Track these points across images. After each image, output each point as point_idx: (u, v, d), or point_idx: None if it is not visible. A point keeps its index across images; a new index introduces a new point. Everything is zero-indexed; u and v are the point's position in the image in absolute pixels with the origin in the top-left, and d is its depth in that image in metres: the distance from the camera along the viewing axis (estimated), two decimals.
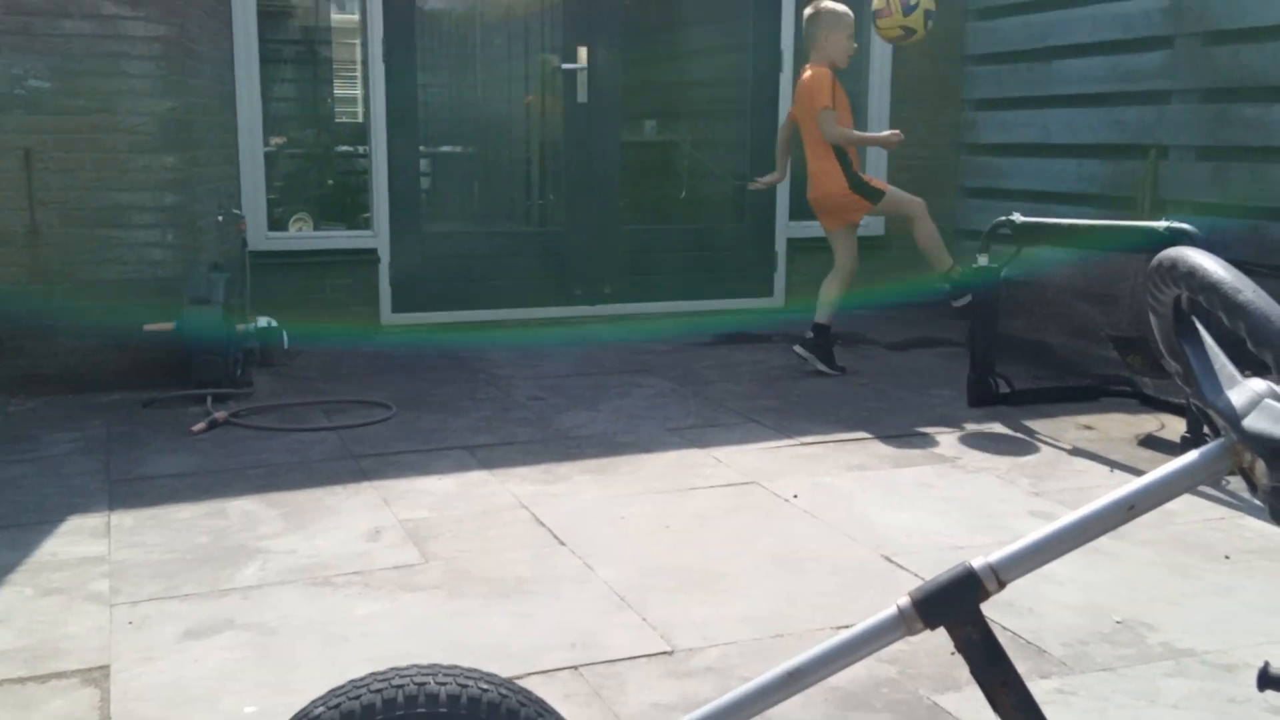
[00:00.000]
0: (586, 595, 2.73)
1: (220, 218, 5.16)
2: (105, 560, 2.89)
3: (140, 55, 4.56)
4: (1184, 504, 3.30)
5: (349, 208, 6.67)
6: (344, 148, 6.89)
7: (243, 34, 5.53)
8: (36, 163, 4.47)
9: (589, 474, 3.62)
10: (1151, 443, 4.03)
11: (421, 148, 6.10)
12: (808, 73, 5.00)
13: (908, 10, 4.73)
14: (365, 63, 5.88)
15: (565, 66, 6.15)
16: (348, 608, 2.64)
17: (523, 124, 6.77)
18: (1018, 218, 4.39)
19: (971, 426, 4.20)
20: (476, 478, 3.58)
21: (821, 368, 4.98)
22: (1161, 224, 3.92)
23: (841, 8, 5.00)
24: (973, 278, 4.49)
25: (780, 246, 6.59)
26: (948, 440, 4.02)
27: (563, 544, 3.04)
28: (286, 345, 5.08)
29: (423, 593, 2.73)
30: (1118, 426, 4.22)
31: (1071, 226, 4.44)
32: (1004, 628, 2.52)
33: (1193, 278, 1.07)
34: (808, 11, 5.04)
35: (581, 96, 6.17)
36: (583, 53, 6.14)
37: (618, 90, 6.27)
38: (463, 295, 6.02)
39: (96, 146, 4.55)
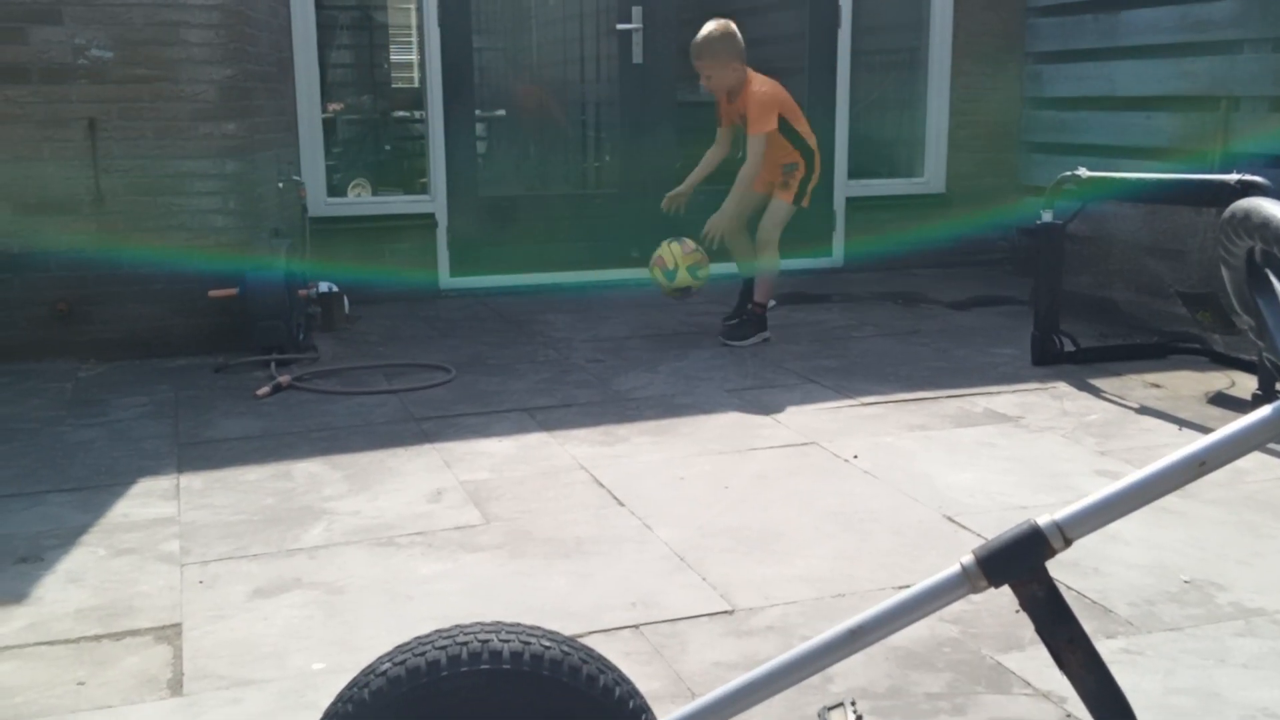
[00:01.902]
0: (646, 555, 2.74)
1: (280, 184, 5.21)
2: (175, 521, 2.95)
3: (200, 24, 4.60)
4: (1255, 461, 3.23)
5: (406, 173, 6.69)
6: (400, 113, 6.91)
7: (300, 2, 5.56)
8: (100, 131, 4.53)
9: (648, 435, 3.63)
10: (1221, 400, 3.94)
11: (477, 111, 6.09)
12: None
13: (670, 276, 4.71)
14: (421, 28, 5.89)
15: (620, 27, 6.10)
16: (411, 567, 2.68)
17: (577, 86, 6.75)
18: (1083, 172, 4.30)
19: (1035, 385, 4.14)
20: (536, 439, 3.60)
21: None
22: (1233, 177, 3.81)
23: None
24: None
25: (839, 205, 6.51)
26: (1011, 399, 3.97)
27: (622, 505, 3.05)
28: (347, 309, 5.15)
29: (484, 553, 2.76)
30: (1186, 384, 4.14)
31: (1139, 181, 4.33)
32: (1069, 587, 2.49)
33: (1266, 229, 1.04)
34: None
35: (636, 57, 6.12)
36: (637, 12, 6.09)
37: (672, 50, 6.20)
38: (520, 258, 6.03)
39: (158, 115, 4.60)
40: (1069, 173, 4.33)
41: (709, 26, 4.69)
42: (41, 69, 4.44)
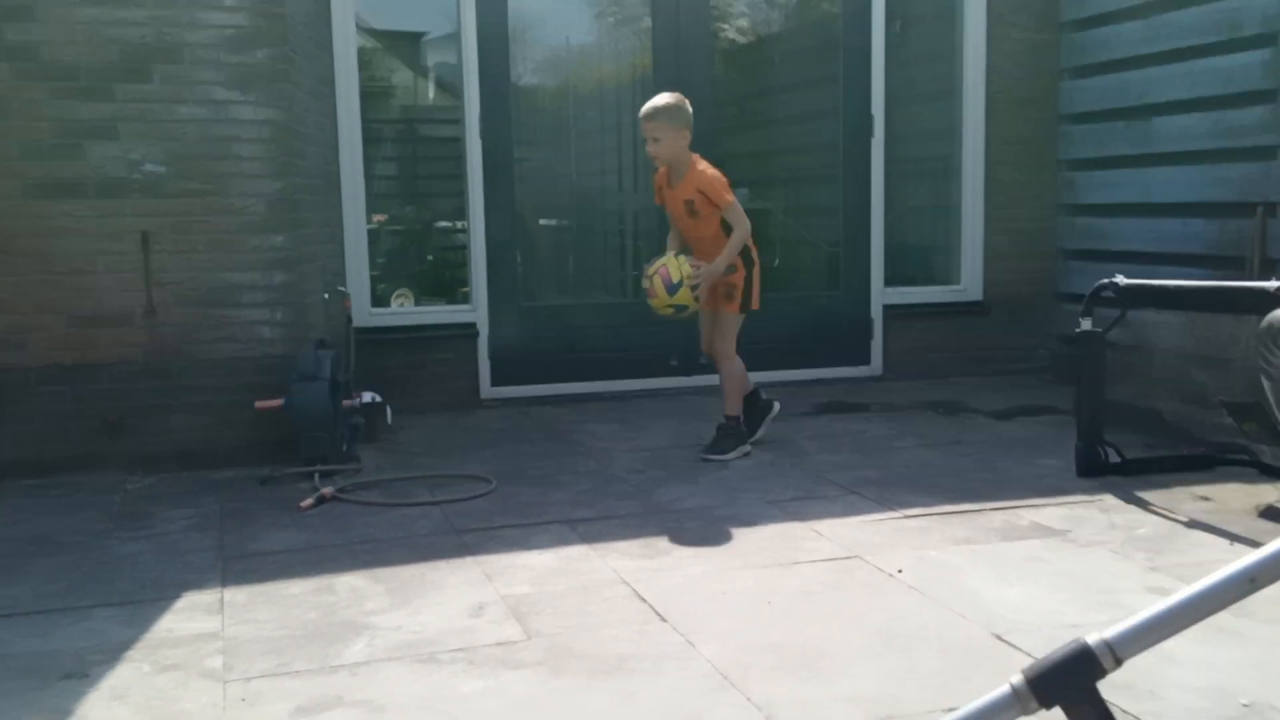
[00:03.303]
0: (689, 673, 2.70)
1: (326, 295, 5.31)
2: (219, 636, 2.96)
3: (251, 139, 4.75)
4: None
5: (449, 283, 6.82)
6: (443, 223, 7.06)
7: (346, 116, 5.74)
8: (153, 244, 4.66)
9: (689, 548, 3.61)
10: (1273, 514, 3.87)
11: (519, 223, 6.21)
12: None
13: (672, 290, 4.55)
14: (463, 140, 6.04)
15: None
16: (453, 685, 2.66)
17: (615, 195, 6.88)
18: (1121, 280, 4.31)
19: (1081, 498, 4.10)
20: (577, 552, 3.59)
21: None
22: (1272, 284, 3.80)
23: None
24: None
25: (876, 313, 6.55)
26: (1057, 513, 3.92)
27: (664, 620, 3.02)
28: (390, 420, 5.20)
29: (525, 670, 2.74)
30: (1236, 497, 4.08)
31: (1178, 288, 4.33)
32: (1123, 710, 2.43)
33: None
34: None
35: None
36: None
37: (709, 159, 6.30)
38: (560, 367, 6.09)
39: (209, 228, 4.72)
40: (1107, 280, 4.34)
41: (663, 95, 4.66)
42: (97, 184, 4.59)
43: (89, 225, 4.60)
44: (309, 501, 4.11)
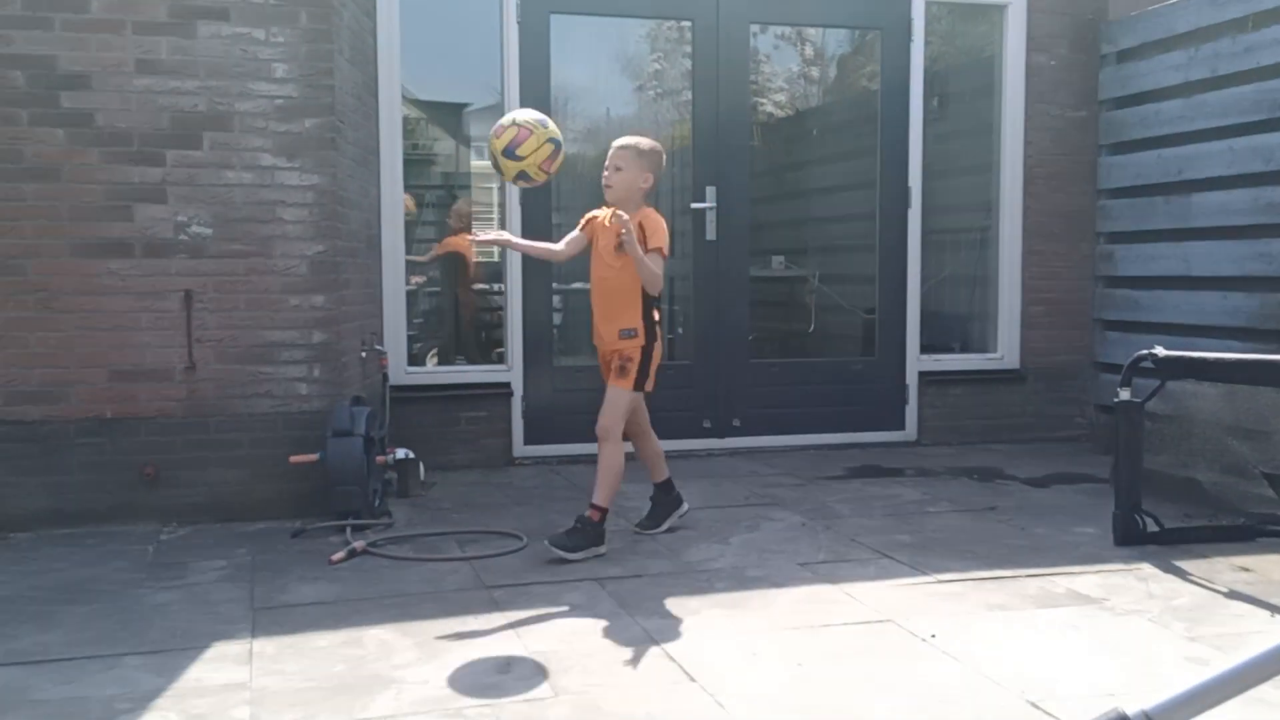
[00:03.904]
0: None
1: (363, 354, 5.37)
2: (246, 687, 2.95)
3: (295, 203, 4.85)
4: None
5: (484, 343, 6.88)
6: (479, 286, 7.14)
7: (389, 182, 5.84)
8: (196, 303, 4.74)
9: (719, 609, 3.58)
10: None
11: (554, 284, 6.28)
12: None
13: (509, 153, 4.02)
14: (503, 205, 6.13)
15: (695, 206, 6.30)
16: None
17: None
18: (1160, 351, 4.28)
19: (1119, 566, 4.03)
20: (606, 610, 3.57)
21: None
22: None
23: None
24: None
25: (912, 380, 6.53)
26: (1094, 581, 3.86)
27: (693, 680, 2.99)
28: (423, 476, 5.22)
29: None
30: (1277, 568, 3.99)
31: (1218, 360, 4.29)
32: None
33: None
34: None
35: (710, 234, 6.30)
36: (711, 192, 6.29)
37: (745, 227, 6.39)
38: (592, 427, 6.08)
39: (251, 288, 4.80)
40: (1145, 351, 4.31)
41: (646, 138, 4.39)
42: (144, 244, 4.69)
43: (134, 283, 4.68)
44: (340, 555, 4.12)
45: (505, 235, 4.77)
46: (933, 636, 3.30)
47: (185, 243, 4.73)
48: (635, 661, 3.14)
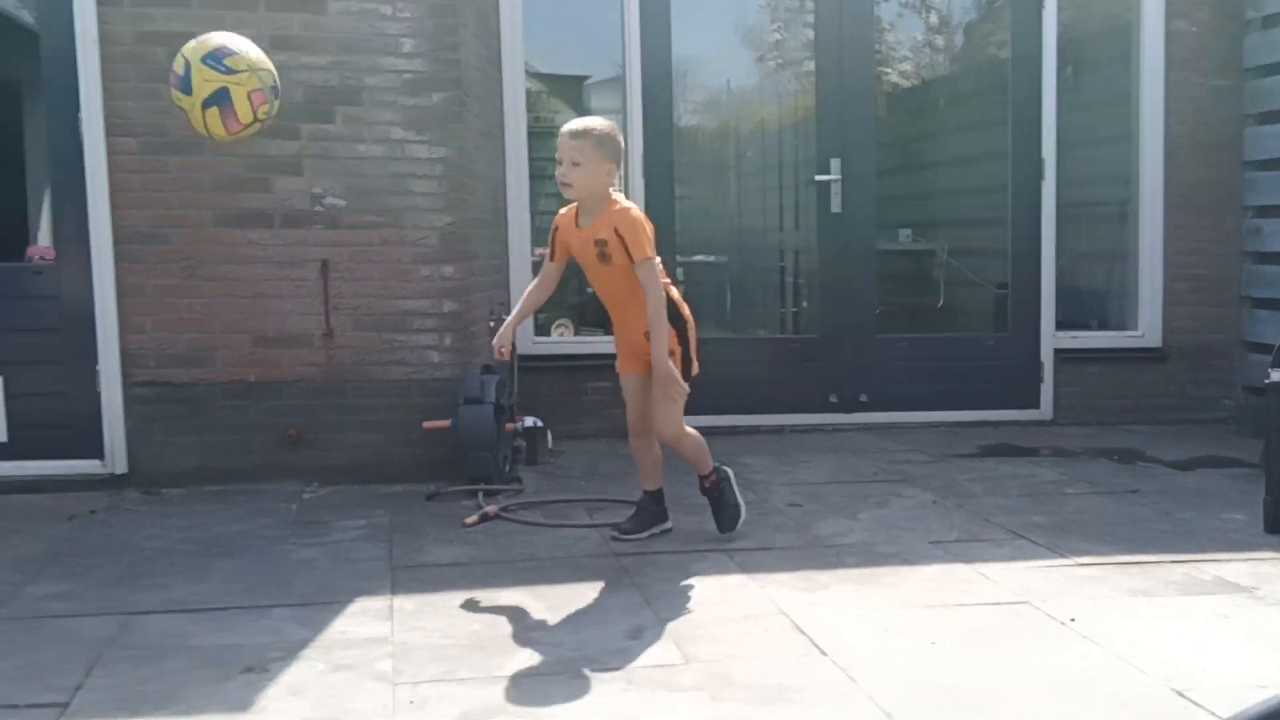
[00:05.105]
0: (850, 708, 2.65)
1: (492, 324, 5.44)
2: (388, 641, 3.05)
3: (425, 175, 4.94)
4: None
5: (606, 315, 6.90)
6: None
7: (514, 155, 5.90)
8: (332, 272, 4.87)
9: (849, 584, 3.55)
10: None
11: (678, 257, 6.28)
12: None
13: (183, 84, 3.51)
14: (626, 178, 6.14)
15: (819, 178, 6.22)
16: (610, 703, 2.67)
17: (776, 234, 6.88)
18: None
19: (1270, 554, 3.86)
20: (735, 581, 3.57)
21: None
22: None
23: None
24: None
25: (1047, 357, 6.35)
26: (1243, 568, 3.71)
27: (824, 654, 2.98)
28: (550, 444, 5.29)
29: (684, 693, 2.73)
30: None
31: None
32: None
33: None
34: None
35: (835, 207, 6.22)
36: (836, 164, 6.20)
37: (871, 200, 6.28)
38: (717, 400, 6.08)
39: (384, 258, 4.92)
40: None
41: (596, 118, 3.88)
42: (283, 215, 4.83)
43: (274, 253, 4.83)
44: (473, 519, 4.21)
45: (507, 327, 4.01)
46: (1071, 620, 3.21)
47: (321, 214, 4.86)
48: (765, 633, 3.13)
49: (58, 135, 4.75)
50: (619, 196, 3.82)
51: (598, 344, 6.20)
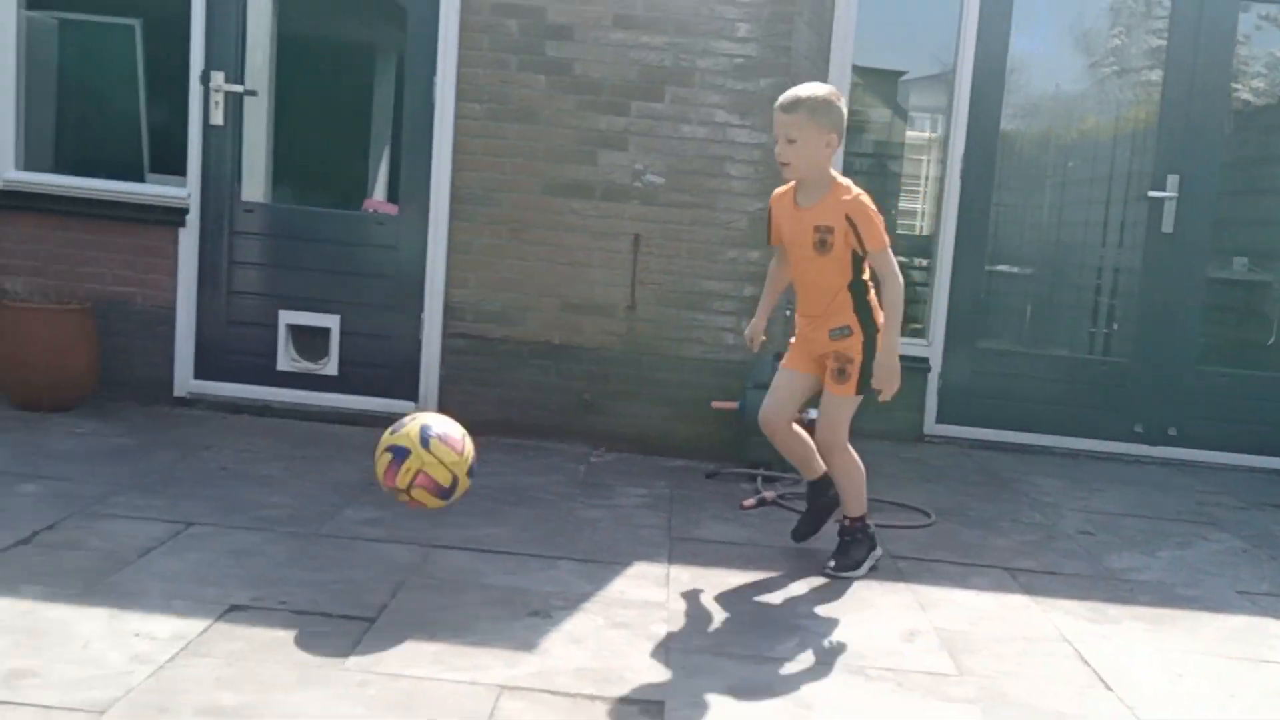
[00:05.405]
0: None
1: (787, 313, 5.47)
2: (664, 607, 3.15)
3: (742, 159, 5.02)
4: None
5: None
6: (900, 258, 7.01)
7: None
8: (642, 247, 5.04)
9: (1141, 621, 3.36)
10: None
11: (985, 265, 6.08)
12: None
13: (447, 494, 3.26)
14: (941, 179, 6.01)
15: (1152, 194, 5.85)
16: (881, 702, 2.66)
17: (1096, 249, 6.53)
18: None
19: None
20: (1016, 601, 3.45)
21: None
22: None
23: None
24: None
25: None
26: None
27: (1109, 688, 2.84)
28: None
29: (956, 705, 2.67)
30: None
31: None
32: None
33: None
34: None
35: (1166, 226, 5.84)
36: (1173, 181, 5.82)
37: (1207, 222, 5.85)
38: (1010, 415, 5.88)
39: (693, 237, 5.04)
40: None
41: (812, 84, 3.49)
42: (604, 188, 5.04)
43: (591, 223, 5.05)
44: (751, 501, 4.27)
45: (759, 318, 3.83)
46: None
47: (639, 190, 5.03)
48: (1046, 657, 3.02)
49: (413, 98, 5.14)
50: (847, 182, 3.46)
51: None
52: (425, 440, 3.21)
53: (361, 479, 4.20)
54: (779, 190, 3.63)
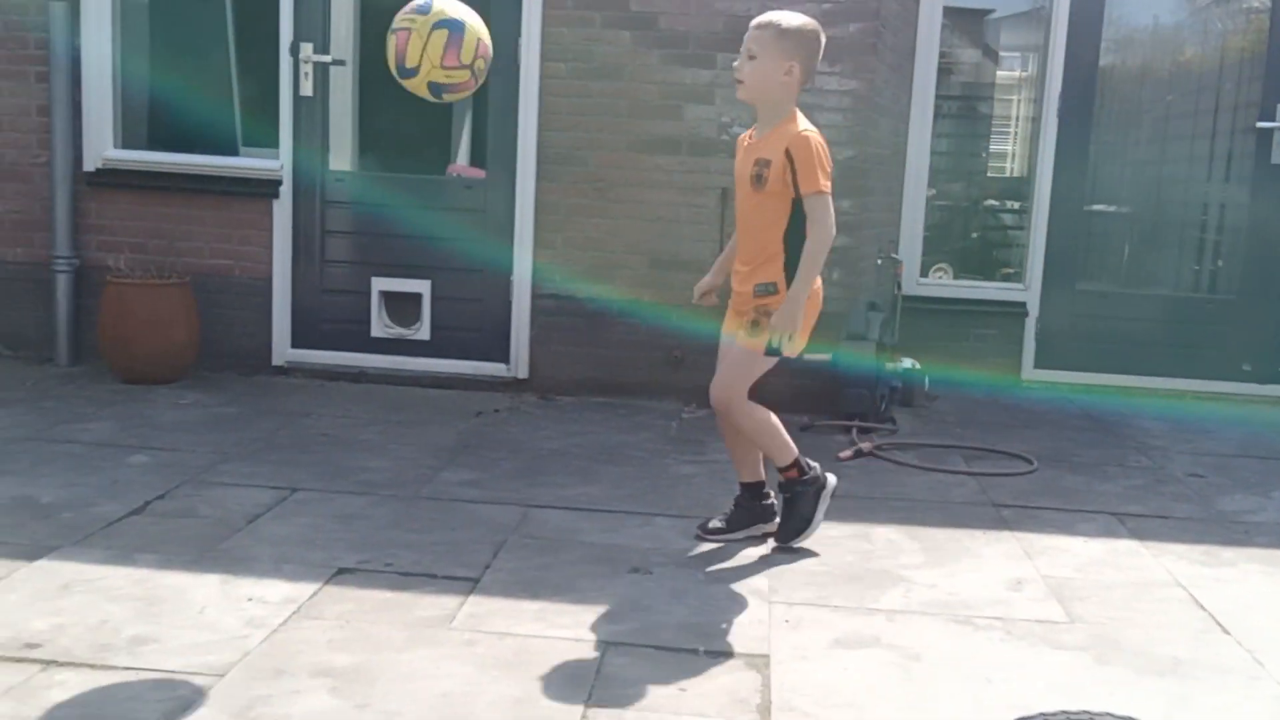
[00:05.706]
0: (1258, 692, 2.45)
1: (879, 261, 5.39)
2: (764, 560, 3.14)
3: (832, 107, 4.91)
4: None
5: (990, 261, 6.64)
6: (991, 201, 6.88)
7: (921, 91, 5.74)
8: (729, 201, 4.99)
9: (1259, 564, 3.26)
10: None
11: (1084, 205, 5.90)
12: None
13: (402, 71, 2.90)
14: (1036, 118, 5.84)
15: (1260, 125, 5.62)
16: (989, 650, 2.62)
17: (1200, 184, 6.29)
18: None
19: None
20: (1125, 546, 3.37)
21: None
22: None
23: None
24: None
25: None
26: None
27: (1227, 633, 2.76)
28: (927, 387, 5.18)
29: (1066, 652, 2.63)
30: None
31: None
32: None
33: None
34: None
35: (1276, 158, 5.61)
36: None
37: None
38: (1111, 357, 5.72)
39: None
40: None
41: (797, 15, 3.23)
42: (690, 142, 4.99)
43: (678, 179, 5.01)
44: (848, 453, 4.23)
45: (710, 278, 3.66)
46: None
47: (725, 143, 4.96)
48: (1159, 603, 2.95)
49: (497, 60, 5.09)
50: (805, 122, 3.20)
51: (986, 290, 6.01)
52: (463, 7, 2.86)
53: (456, 442, 4.26)
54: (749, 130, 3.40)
